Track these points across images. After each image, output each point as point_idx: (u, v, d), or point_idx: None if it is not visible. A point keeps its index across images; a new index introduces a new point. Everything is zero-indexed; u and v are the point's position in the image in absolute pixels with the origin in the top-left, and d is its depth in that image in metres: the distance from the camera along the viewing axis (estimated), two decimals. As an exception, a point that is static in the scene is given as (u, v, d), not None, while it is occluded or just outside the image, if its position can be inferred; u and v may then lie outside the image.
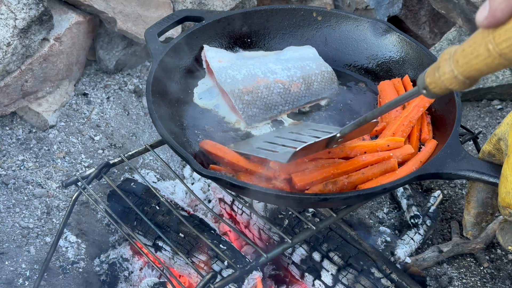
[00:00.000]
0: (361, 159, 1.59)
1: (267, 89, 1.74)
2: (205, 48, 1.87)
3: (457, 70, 1.05)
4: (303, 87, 1.79)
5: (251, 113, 1.71)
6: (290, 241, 1.56)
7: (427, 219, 2.27)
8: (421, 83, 1.17)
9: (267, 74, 1.78)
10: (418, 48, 1.89)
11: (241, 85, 1.73)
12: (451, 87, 1.10)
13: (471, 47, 1.01)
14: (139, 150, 1.83)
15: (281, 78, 1.78)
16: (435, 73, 1.12)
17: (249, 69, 1.78)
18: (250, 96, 1.72)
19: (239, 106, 1.71)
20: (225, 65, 1.79)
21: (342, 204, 1.60)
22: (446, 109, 1.71)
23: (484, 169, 1.45)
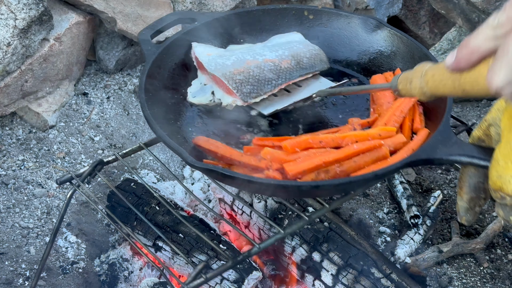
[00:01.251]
0: (352, 148, 1.59)
1: (258, 68, 1.77)
2: (193, 45, 1.89)
3: (426, 88, 1.24)
4: (293, 62, 1.81)
5: (246, 90, 1.73)
6: (282, 232, 1.56)
7: (427, 219, 2.27)
8: (394, 85, 1.36)
9: (256, 56, 1.81)
10: (409, 42, 1.91)
11: (232, 68, 1.76)
12: (419, 98, 1.31)
13: (440, 76, 1.19)
14: (133, 148, 1.83)
15: (270, 58, 1.81)
16: (407, 84, 1.31)
17: (237, 56, 1.81)
18: (242, 75, 1.75)
19: (233, 86, 1.73)
20: (214, 57, 1.82)
21: (334, 192, 1.61)
22: (438, 99, 1.72)
23: (475, 153, 1.45)
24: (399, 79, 1.34)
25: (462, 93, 1.14)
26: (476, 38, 0.99)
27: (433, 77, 1.20)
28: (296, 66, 1.82)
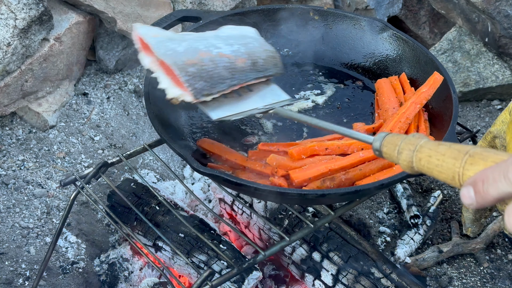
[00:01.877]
0: (358, 156, 1.59)
1: (212, 62, 1.58)
2: (135, 26, 1.67)
3: (416, 164, 1.11)
4: (249, 62, 1.63)
5: (198, 86, 1.54)
6: (288, 239, 1.56)
7: (427, 219, 2.27)
8: (377, 145, 1.21)
9: (209, 48, 1.62)
10: (415, 46, 1.91)
11: (184, 57, 1.56)
12: (402, 168, 1.16)
13: (438, 161, 1.06)
14: (137, 150, 1.83)
15: (225, 53, 1.62)
16: (394, 151, 1.16)
17: (189, 43, 1.61)
18: (195, 68, 1.55)
19: (184, 78, 1.53)
20: (162, 39, 1.61)
21: (339, 200, 1.61)
22: (443, 106, 1.72)
23: None
24: (385, 141, 1.20)
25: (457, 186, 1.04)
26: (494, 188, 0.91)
27: (429, 159, 1.08)
28: (252, 67, 1.64)
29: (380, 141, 1.20)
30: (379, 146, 1.20)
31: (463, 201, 0.96)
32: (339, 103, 1.91)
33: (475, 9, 2.73)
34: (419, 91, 1.78)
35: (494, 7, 2.64)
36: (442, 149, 1.07)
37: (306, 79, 2.01)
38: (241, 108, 1.57)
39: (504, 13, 2.63)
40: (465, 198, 0.96)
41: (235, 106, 1.57)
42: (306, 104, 1.91)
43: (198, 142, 1.70)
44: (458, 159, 1.01)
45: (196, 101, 1.53)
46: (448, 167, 1.03)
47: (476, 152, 0.99)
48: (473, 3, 2.69)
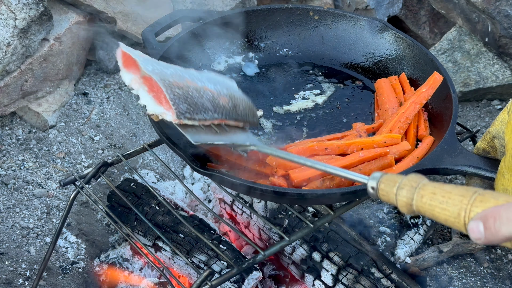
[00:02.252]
0: (358, 156, 1.59)
1: (197, 92, 1.56)
2: (121, 45, 1.64)
3: (416, 203, 1.08)
4: (230, 103, 1.61)
5: (182, 107, 1.51)
6: (288, 239, 1.56)
7: (427, 219, 2.27)
8: (373, 183, 1.18)
9: (194, 79, 1.60)
10: (415, 46, 1.91)
11: (172, 78, 1.54)
12: (398, 206, 1.13)
13: (444, 197, 1.03)
14: (137, 150, 1.83)
15: (209, 88, 1.60)
16: (393, 187, 1.13)
17: (175, 70, 1.60)
18: (182, 91, 1.52)
19: (171, 96, 1.49)
20: (149, 59, 1.60)
21: (339, 200, 1.61)
22: (443, 106, 1.72)
23: (481, 164, 1.46)
24: (383, 178, 1.16)
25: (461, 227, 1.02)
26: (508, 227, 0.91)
27: (434, 196, 1.06)
28: (233, 108, 1.62)
29: (377, 179, 1.17)
30: (376, 184, 1.17)
31: (471, 235, 0.94)
32: (338, 103, 1.91)
33: (475, 9, 2.73)
34: (419, 91, 1.78)
35: (494, 7, 2.64)
36: (448, 188, 1.05)
37: (306, 79, 2.01)
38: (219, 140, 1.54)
39: (504, 13, 2.63)
40: (474, 233, 0.94)
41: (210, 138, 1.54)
42: (306, 104, 1.91)
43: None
44: (466, 197, 1.00)
45: (177, 121, 1.50)
46: (454, 204, 1.01)
47: (486, 192, 0.98)
48: (473, 3, 2.69)
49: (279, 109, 1.90)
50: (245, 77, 2.03)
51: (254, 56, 2.09)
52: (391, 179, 1.15)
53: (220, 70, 2.03)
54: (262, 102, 1.93)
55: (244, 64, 2.07)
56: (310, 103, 1.92)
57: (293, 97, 1.94)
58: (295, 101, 1.93)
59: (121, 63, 1.62)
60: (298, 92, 1.96)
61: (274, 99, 1.94)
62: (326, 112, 1.88)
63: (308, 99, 1.93)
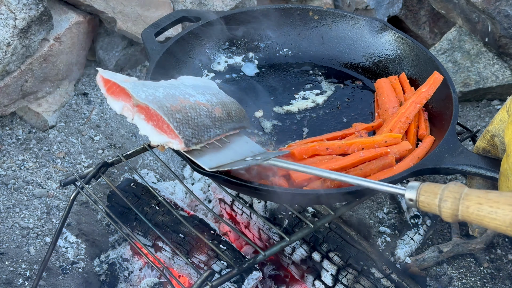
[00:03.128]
0: (358, 155, 1.59)
1: (194, 110, 1.50)
2: (100, 70, 1.56)
3: (462, 214, 1.10)
4: (224, 113, 1.57)
5: (188, 133, 1.46)
6: (288, 239, 1.56)
7: (427, 219, 2.27)
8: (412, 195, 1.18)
9: (185, 95, 1.53)
10: (415, 46, 1.91)
11: (167, 103, 1.46)
12: (442, 217, 1.15)
13: (492, 208, 1.05)
14: (137, 150, 1.83)
15: (201, 101, 1.55)
16: (435, 199, 1.14)
17: (164, 89, 1.52)
18: (181, 115, 1.46)
19: (174, 125, 1.43)
20: (137, 83, 1.51)
21: (340, 200, 1.61)
22: (443, 106, 1.72)
23: (482, 164, 1.46)
24: (422, 190, 1.17)
25: None
26: None
27: (480, 206, 1.07)
28: (227, 117, 1.58)
29: (415, 191, 1.18)
30: (415, 195, 1.18)
31: None
32: (338, 103, 1.91)
33: (475, 9, 2.73)
34: (419, 91, 1.78)
35: (494, 7, 2.64)
36: (493, 196, 1.06)
37: (306, 79, 2.01)
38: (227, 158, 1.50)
39: (504, 13, 2.63)
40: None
41: (220, 155, 1.51)
42: (306, 104, 1.91)
43: (198, 142, 1.70)
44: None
45: (186, 149, 1.46)
46: (504, 214, 1.03)
47: None
48: (473, 3, 2.69)
49: (279, 109, 1.90)
50: (245, 77, 2.03)
51: (254, 56, 2.09)
52: (430, 190, 1.16)
53: (220, 70, 2.03)
54: (262, 102, 1.93)
55: (244, 64, 2.07)
56: (310, 103, 1.92)
57: (293, 97, 1.94)
58: (295, 101, 1.93)
59: (105, 91, 1.54)
60: (298, 92, 1.96)
61: (274, 99, 1.94)
62: (326, 112, 1.89)
63: (308, 99, 1.93)
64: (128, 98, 1.48)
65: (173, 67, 1.89)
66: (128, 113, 1.50)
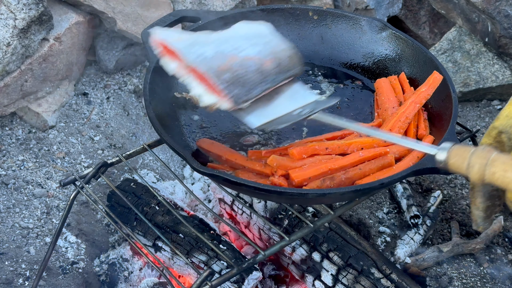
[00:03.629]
0: (358, 155, 1.59)
1: (242, 67, 1.54)
2: (152, 31, 1.62)
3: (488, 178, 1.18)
4: (274, 64, 1.59)
5: (236, 93, 1.51)
6: (288, 239, 1.56)
7: (427, 219, 2.27)
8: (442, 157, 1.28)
9: (235, 51, 1.57)
10: (414, 46, 1.91)
11: (215, 63, 1.52)
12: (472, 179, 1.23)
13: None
14: (137, 150, 1.83)
15: (251, 55, 1.58)
16: (463, 164, 1.23)
17: (214, 46, 1.57)
18: (229, 74, 1.51)
19: (222, 86, 1.49)
20: (187, 43, 1.57)
21: (340, 200, 1.61)
22: (443, 105, 1.72)
23: None
24: (452, 153, 1.27)
25: None
26: None
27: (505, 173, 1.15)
28: (278, 68, 1.60)
29: (446, 153, 1.27)
30: (444, 158, 1.26)
31: None
32: (338, 103, 1.91)
33: (475, 9, 2.73)
34: (418, 91, 1.79)
35: (494, 7, 2.64)
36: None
37: (306, 79, 2.01)
38: (276, 112, 1.55)
39: (504, 13, 2.63)
40: None
41: (269, 109, 1.56)
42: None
43: (198, 142, 1.71)
44: None
45: (234, 108, 1.52)
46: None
47: None
48: (473, 3, 2.69)
49: (279, 109, 1.89)
50: (245, 77, 2.03)
51: (254, 56, 2.08)
52: (460, 154, 1.24)
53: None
54: (262, 102, 1.92)
55: (243, 64, 2.07)
56: (311, 103, 1.91)
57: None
58: (295, 101, 1.92)
59: (158, 52, 1.61)
60: (298, 92, 1.96)
61: (274, 99, 1.94)
62: (326, 112, 1.88)
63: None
64: (179, 58, 1.55)
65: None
66: (181, 73, 1.57)
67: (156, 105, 1.69)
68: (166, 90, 1.82)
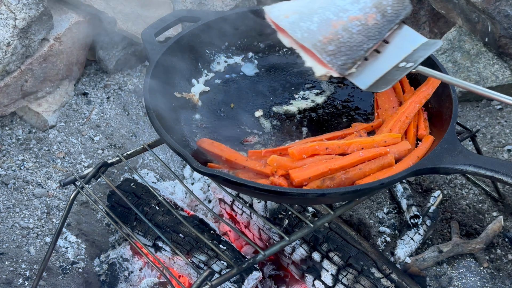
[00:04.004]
0: (358, 155, 1.59)
1: (346, 31, 1.62)
2: (265, 10, 1.75)
3: None
4: (378, 16, 1.65)
5: (340, 62, 1.60)
6: (287, 239, 1.56)
7: (427, 219, 2.27)
8: None
9: (339, 14, 1.65)
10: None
11: (320, 35, 1.62)
12: None
13: None
14: (137, 150, 1.83)
15: (355, 14, 1.64)
16: None
17: (319, 15, 1.65)
18: (333, 45, 1.61)
19: (327, 59, 1.60)
20: (294, 19, 1.67)
21: (340, 200, 1.61)
22: (443, 105, 1.72)
23: (481, 163, 1.46)
24: None
25: None
26: None
27: None
28: (382, 20, 1.65)
29: None
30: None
31: None
32: (339, 102, 1.91)
33: (475, 9, 2.73)
34: (418, 91, 1.78)
35: (494, 7, 2.64)
36: None
37: (306, 79, 2.01)
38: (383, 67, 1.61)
39: (504, 13, 2.63)
40: None
41: (377, 66, 1.63)
42: (306, 104, 1.91)
43: (198, 142, 1.71)
44: None
45: (344, 75, 1.61)
46: None
47: None
48: (473, 3, 2.69)
49: (279, 109, 1.90)
50: (245, 77, 2.03)
51: (253, 56, 2.09)
52: None
53: (219, 71, 2.04)
54: (262, 102, 1.93)
55: (243, 64, 2.07)
56: (310, 103, 1.92)
57: (293, 97, 1.94)
58: (294, 101, 1.93)
59: (274, 27, 1.72)
60: (298, 92, 1.96)
61: (274, 99, 1.94)
62: (326, 112, 1.88)
63: (307, 99, 1.93)
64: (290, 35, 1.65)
65: (173, 67, 1.89)
66: (295, 46, 1.68)
67: (156, 105, 1.69)
68: (166, 90, 1.82)
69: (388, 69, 1.60)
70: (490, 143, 2.64)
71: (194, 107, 1.88)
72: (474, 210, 2.36)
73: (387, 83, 1.57)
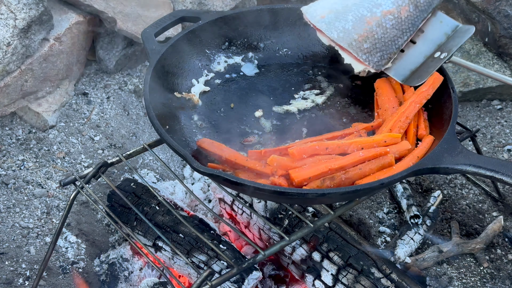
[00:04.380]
0: (358, 155, 1.60)
1: (380, 27, 1.68)
2: (303, 10, 1.82)
3: None
4: (411, 8, 1.69)
5: (376, 59, 1.68)
6: (288, 239, 1.56)
7: (427, 219, 2.27)
8: None
9: (372, 9, 1.70)
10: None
11: (355, 34, 1.68)
12: None
13: None
14: (137, 150, 1.83)
15: (388, 8, 1.69)
16: None
17: (354, 13, 1.71)
18: (368, 42, 1.68)
19: (363, 58, 1.69)
20: (329, 19, 1.73)
21: (340, 199, 1.61)
22: (443, 105, 1.73)
23: (481, 163, 1.46)
24: None
25: None
26: None
27: None
28: (415, 11, 1.69)
29: None
30: None
31: None
32: (339, 103, 1.91)
33: (475, 9, 2.73)
34: (418, 91, 1.78)
35: (494, 7, 2.64)
36: None
37: (306, 79, 2.02)
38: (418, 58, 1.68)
39: (504, 13, 2.63)
40: None
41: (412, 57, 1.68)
42: (306, 104, 1.91)
43: (198, 142, 1.71)
44: None
45: (380, 70, 1.70)
46: None
47: None
48: (473, 3, 2.69)
49: (279, 109, 1.90)
50: (245, 77, 2.03)
51: (253, 56, 2.09)
52: None
53: (219, 71, 2.04)
54: (262, 102, 1.93)
55: (243, 64, 2.07)
56: (309, 103, 1.92)
57: (293, 97, 1.94)
58: (294, 101, 1.93)
59: (312, 26, 1.80)
60: (298, 92, 1.96)
61: (273, 99, 1.94)
62: (325, 112, 1.89)
63: (307, 99, 1.93)
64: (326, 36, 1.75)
65: (173, 67, 1.90)
66: (333, 44, 1.76)
67: (156, 105, 1.69)
68: (166, 90, 1.83)
69: (423, 60, 1.65)
70: (490, 143, 2.64)
71: (194, 107, 1.88)
72: (474, 210, 2.36)
73: (423, 75, 1.62)
